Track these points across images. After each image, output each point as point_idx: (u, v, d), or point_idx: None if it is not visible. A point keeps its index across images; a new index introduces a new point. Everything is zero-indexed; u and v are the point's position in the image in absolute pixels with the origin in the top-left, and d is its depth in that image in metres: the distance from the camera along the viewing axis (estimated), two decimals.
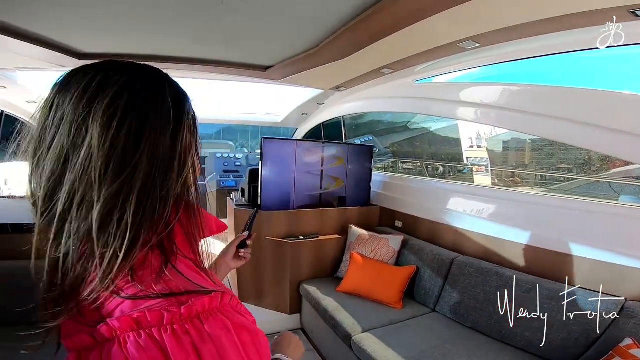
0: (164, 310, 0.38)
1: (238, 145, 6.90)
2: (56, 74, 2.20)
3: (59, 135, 0.40)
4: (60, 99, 0.41)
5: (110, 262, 0.38)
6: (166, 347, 0.36)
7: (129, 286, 0.40)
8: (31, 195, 0.43)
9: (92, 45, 2.25)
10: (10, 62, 2.44)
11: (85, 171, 0.39)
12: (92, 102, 0.40)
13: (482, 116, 2.39)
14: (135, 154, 0.41)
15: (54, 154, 0.40)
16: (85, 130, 0.39)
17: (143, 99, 0.43)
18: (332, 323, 2.20)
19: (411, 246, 2.61)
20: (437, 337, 1.96)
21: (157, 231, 0.42)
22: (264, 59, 2.60)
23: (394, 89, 2.98)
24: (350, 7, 1.61)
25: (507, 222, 2.21)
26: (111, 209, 0.39)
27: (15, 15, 1.70)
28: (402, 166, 4.67)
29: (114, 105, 0.40)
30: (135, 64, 0.47)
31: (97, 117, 0.39)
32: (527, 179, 3.60)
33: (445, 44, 1.88)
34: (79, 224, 0.39)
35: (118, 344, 0.36)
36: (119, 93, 0.41)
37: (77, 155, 0.39)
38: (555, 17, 1.43)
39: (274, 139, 2.76)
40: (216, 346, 0.38)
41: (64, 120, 0.40)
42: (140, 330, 0.37)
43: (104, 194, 0.39)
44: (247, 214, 2.27)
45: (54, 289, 0.40)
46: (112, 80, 0.42)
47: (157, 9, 1.68)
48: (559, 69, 2.09)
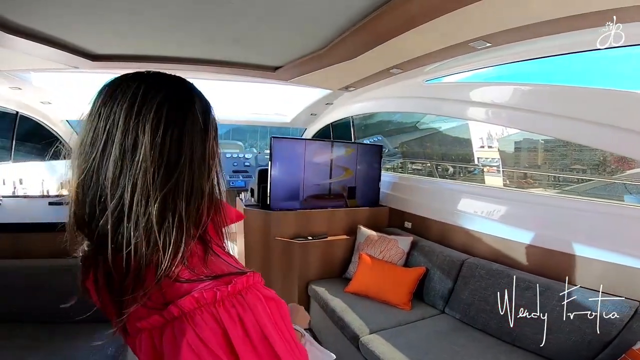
0: (216, 289, 0.46)
1: (247, 145, 6.92)
2: (70, 75, 2.25)
3: (111, 142, 0.47)
4: (107, 110, 0.48)
5: (170, 253, 0.46)
6: (220, 319, 0.44)
7: (185, 272, 0.47)
8: (81, 194, 0.49)
9: (104, 47, 2.29)
10: (25, 63, 2.49)
11: (141, 175, 0.46)
12: (140, 114, 0.47)
13: (494, 116, 2.36)
14: (179, 159, 0.48)
15: (112, 159, 0.46)
16: (136, 139, 0.46)
17: (180, 110, 0.50)
18: (340, 324, 2.19)
19: (421, 247, 2.59)
20: (446, 339, 1.94)
21: (198, 224, 0.51)
22: (273, 60, 2.60)
23: (404, 88, 2.97)
24: (359, 7, 1.61)
25: (520, 224, 2.18)
26: (165, 207, 0.47)
27: (30, 17, 1.73)
28: (411, 167, 4.64)
29: (157, 117, 0.47)
30: (167, 76, 0.54)
31: (147, 128, 0.46)
32: (539, 180, 3.55)
33: (456, 43, 1.86)
34: (138, 221, 0.45)
35: (186, 320, 0.44)
36: (161, 105, 0.48)
37: (132, 161, 0.46)
38: (568, 17, 1.41)
39: (284, 138, 2.76)
40: (254, 314, 0.46)
41: (115, 129, 0.47)
42: (201, 307, 0.44)
43: (160, 194, 0.46)
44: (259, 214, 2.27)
45: (121, 281, 0.46)
46: (152, 93, 0.49)
47: (167, 11, 1.70)
48: (571, 68, 2.05)
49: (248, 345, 0.45)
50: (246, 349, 0.45)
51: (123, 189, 0.46)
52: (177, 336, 0.44)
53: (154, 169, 0.46)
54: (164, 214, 0.46)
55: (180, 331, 0.44)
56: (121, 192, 0.46)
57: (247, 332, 0.45)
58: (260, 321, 0.46)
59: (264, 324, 0.47)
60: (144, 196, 0.46)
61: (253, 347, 0.45)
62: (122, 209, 0.45)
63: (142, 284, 0.46)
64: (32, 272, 1.82)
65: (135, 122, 0.46)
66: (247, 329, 0.45)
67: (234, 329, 0.44)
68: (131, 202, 0.45)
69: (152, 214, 0.45)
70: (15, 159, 3.80)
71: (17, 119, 3.74)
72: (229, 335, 0.44)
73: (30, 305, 1.81)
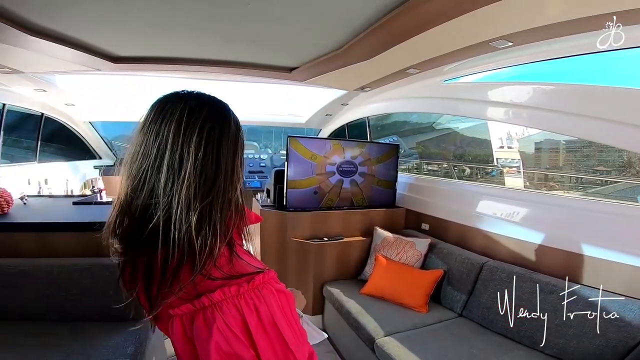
0: (238, 285, 0.56)
1: (262, 146, 6.98)
2: (91, 77, 2.32)
3: (160, 158, 0.56)
4: (157, 127, 0.57)
5: (205, 255, 0.55)
6: (241, 309, 0.54)
7: (214, 270, 0.56)
8: (130, 197, 0.58)
9: (125, 49, 2.35)
10: (50, 66, 2.57)
11: (185, 189, 0.55)
12: (185, 134, 0.56)
13: (514, 116, 2.31)
14: (217, 174, 0.58)
15: (162, 173, 0.56)
16: (181, 157, 0.56)
17: (218, 131, 0.59)
18: (355, 325, 2.18)
19: (439, 249, 2.56)
20: (463, 343, 1.90)
21: (227, 230, 0.59)
22: (290, 60, 2.61)
23: (421, 89, 2.93)
24: (376, 7, 1.59)
25: (542, 227, 2.12)
26: (202, 216, 0.56)
27: (53, 20, 1.78)
28: (426, 167, 4.58)
29: (199, 139, 0.57)
30: (207, 97, 0.63)
31: (191, 149, 0.56)
32: (561, 181, 3.44)
33: (477, 42, 1.82)
34: (181, 227, 0.54)
35: (215, 309, 0.54)
36: (202, 127, 0.58)
37: (178, 176, 0.55)
38: (592, 16, 1.36)
39: (300, 137, 2.75)
40: (268, 306, 0.56)
41: (164, 146, 0.56)
42: (227, 299, 0.55)
43: (199, 206, 0.55)
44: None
45: (162, 276, 0.55)
46: (195, 115, 0.58)
47: (185, 14, 1.73)
48: (593, 68, 1.98)
49: (260, 330, 0.55)
50: (259, 333, 0.54)
51: (170, 199, 0.55)
52: (207, 322, 0.54)
53: (195, 185, 0.55)
54: (202, 222, 0.55)
55: (211, 318, 0.54)
56: (168, 202, 0.55)
57: (261, 319, 0.55)
58: (272, 311, 0.56)
59: (275, 313, 0.56)
60: (186, 207, 0.55)
61: (265, 331, 0.55)
62: (169, 217, 0.54)
63: (178, 279, 0.55)
64: (55, 271, 1.84)
65: (181, 142, 0.56)
66: (261, 317, 0.55)
67: (251, 317, 0.54)
68: (176, 211, 0.54)
69: (191, 222, 0.54)
70: (40, 160, 3.93)
71: (42, 121, 3.88)
72: (247, 322, 0.54)
73: (53, 303, 1.84)
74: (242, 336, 0.53)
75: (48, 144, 4.19)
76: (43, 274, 1.84)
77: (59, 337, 1.68)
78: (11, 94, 3.16)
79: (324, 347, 2.59)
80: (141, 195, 0.56)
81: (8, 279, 1.80)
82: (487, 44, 1.82)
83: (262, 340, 0.54)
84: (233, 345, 0.53)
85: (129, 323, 1.75)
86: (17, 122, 3.70)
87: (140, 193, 0.56)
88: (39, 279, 1.83)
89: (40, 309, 1.84)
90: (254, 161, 4.92)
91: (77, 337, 1.68)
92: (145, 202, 0.56)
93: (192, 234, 0.54)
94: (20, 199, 2.56)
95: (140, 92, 3.90)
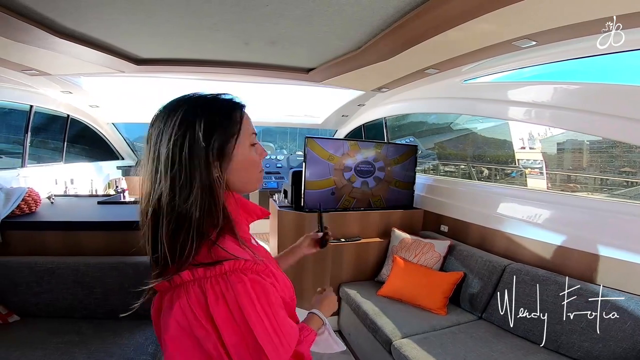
0: (206, 268, 0.59)
1: (277, 147, 7.03)
2: (115, 80, 2.41)
3: (158, 162, 0.63)
4: (155, 132, 0.65)
5: (187, 251, 0.60)
6: (205, 291, 0.57)
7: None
8: (146, 197, 0.65)
9: (147, 51, 2.41)
10: (76, 68, 2.66)
11: (160, 194, 0.63)
12: (157, 143, 0.64)
13: (536, 116, 2.25)
14: (192, 184, 0.62)
15: (159, 175, 0.63)
16: (173, 162, 0.62)
17: (180, 141, 0.63)
18: (372, 327, 2.17)
19: (459, 251, 2.52)
20: (483, 345, 1.87)
21: (215, 225, 0.64)
22: (307, 61, 2.62)
23: (440, 89, 2.89)
24: (395, 7, 1.58)
25: (567, 229, 2.07)
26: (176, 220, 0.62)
27: (80, 23, 1.85)
28: (443, 168, 4.51)
29: (167, 145, 0.63)
30: (202, 100, 0.68)
31: (161, 155, 0.63)
32: (585, 183, 3.33)
33: (499, 42, 1.79)
34: (162, 231, 0.62)
35: (182, 289, 0.58)
36: (171, 137, 0.63)
37: (171, 179, 0.62)
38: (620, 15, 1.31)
39: (317, 137, 2.76)
40: (235, 294, 0.57)
41: (157, 150, 0.64)
42: (194, 281, 0.58)
43: (171, 209, 0.63)
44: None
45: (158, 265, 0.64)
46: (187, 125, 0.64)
47: (207, 16, 1.76)
48: (619, 66, 1.91)
49: (230, 319, 0.56)
50: (228, 322, 0.56)
51: (150, 206, 0.64)
52: (173, 299, 0.58)
53: (167, 192, 0.62)
54: (173, 227, 0.62)
55: (177, 295, 0.58)
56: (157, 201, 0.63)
57: (229, 307, 0.56)
58: (239, 300, 0.57)
59: (242, 302, 0.57)
60: (161, 212, 0.63)
61: (234, 322, 0.56)
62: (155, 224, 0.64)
63: (167, 267, 0.62)
64: (82, 269, 1.89)
65: (159, 150, 0.64)
66: (229, 305, 0.56)
67: (215, 303, 0.56)
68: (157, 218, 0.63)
69: (165, 227, 0.63)
70: (66, 160, 4.08)
71: (68, 122, 4.02)
72: (209, 305, 0.56)
73: (79, 301, 1.89)
74: (203, 318, 0.55)
75: (73, 144, 4.34)
76: (70, 272, 1.89)
77: (83, 335, 1.73)
78: (38, 96, 3.28)
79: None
80: (151, 197, 0.64)
81: (36, 276, 1.87)
82: (510, 43, 1.79)
83: (231, 330, 0.55)
84: (191, 323, 0.55)
85: (150, 322, 1.80)
86: (44, 124, 3.85)
87: (144, 199, 0.66)
88: (66, 277, 1.88)
89: (67, 306, 1.89)
90: (270, 162, 4.94)
91: (101, 335, 1.73)
92: (144, 208, 0.66)
93: (169, 238, 0.61)
94: (48, 199, 2.66)
95: (161, 94, 4.00)
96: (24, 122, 3.30)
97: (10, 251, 1.99)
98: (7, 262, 1.88)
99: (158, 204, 0.62)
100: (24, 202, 2.16)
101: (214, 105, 0.67)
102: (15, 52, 2.17)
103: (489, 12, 1.46)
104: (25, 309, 1.88)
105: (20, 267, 1.87)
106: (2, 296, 1.85)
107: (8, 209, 2.05)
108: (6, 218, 2.01)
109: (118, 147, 5.19)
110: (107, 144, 4.99)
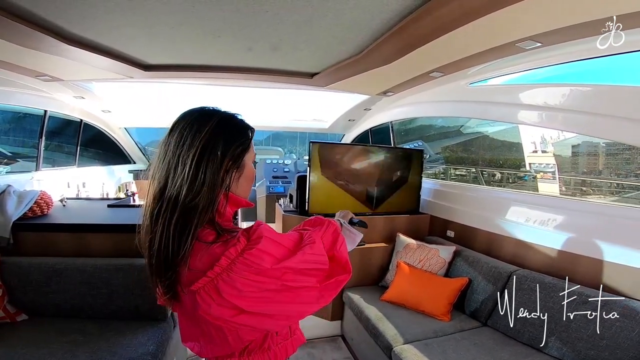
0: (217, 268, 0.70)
1: (286, 151, 7.06)
2: (125, 85, 2.47)
3: (175, 166, 0.72)
4: (170, 139, 0.75)
5: (184, 246, 0.70)
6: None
7: (193, 262, 0.72)
8: (158, 195, 0.74)
9: (154, 57, 2.46)
10: (87, 73, 2.74)
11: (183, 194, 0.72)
12: (183, 148, 0.73)
13: (548, 119, 2.19)
14: (202, 187, 0.72)
15: (177, 177, 0.71)
16: (183, 168, 0.71)
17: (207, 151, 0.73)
18: (373, 332, 2.14)
19: (464, 257, 2.47)
20: (486, 353, 1.82)
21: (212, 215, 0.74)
22: (310, 66, 2.63)
23: (447, 92, 2.86)
24: (395, 10, 1.57)
25: (576, 235, 2.02)
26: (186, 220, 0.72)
27: (88, 30, 1.90)
28: (453, 172, 4.45)
29: (194, 152, 0.72)
30: (206, 113, 0.78)
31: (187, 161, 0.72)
32: (599, 187, 3.23)
33: (501, 44, 1.76)
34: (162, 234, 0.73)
35: (235, 239, 0.71)
36: (196, 144, 0.72)
37: (180, 182, 0.71)
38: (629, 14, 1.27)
39: (323, 143, 2.76)
40: (239, 283, 0.69)
41: (172, 156, 0.73)
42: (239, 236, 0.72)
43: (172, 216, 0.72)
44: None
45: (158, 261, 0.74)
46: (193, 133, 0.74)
47: (211, 22, 1.79)
48: (627, 68, 1.85)
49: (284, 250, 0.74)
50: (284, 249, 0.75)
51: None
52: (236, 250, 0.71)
53: (186, 190, 0.70)
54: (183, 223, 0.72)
55: (233, 245, 0.71)
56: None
57: (274, 240, 0.73)
58: (242, 283, 0.68)
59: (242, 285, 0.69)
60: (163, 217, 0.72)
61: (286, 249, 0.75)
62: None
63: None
64: (89, 270, 1.93)
65: (180, 154, 0.72)
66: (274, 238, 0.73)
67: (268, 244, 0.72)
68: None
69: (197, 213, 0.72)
70: (79, 164, 4.19)
71: (82, 127, 4.13)
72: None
73: (85, 301, 1.93)
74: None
75: (87, 148, 4.46)
76: (77, 273, 1.93)
77: (88, 334, 1.77)
78: (52, 101, 3.39)
79: (342, 353, 2.57)
80: (166, 196, 0.74)
81: (45, 276, 1.92)
82: (513, 45, 1.75)
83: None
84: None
85: (155, 322, 1.82)
86: (59, 128, 3.97)
87: (165, 194, 0.76)
88: (74, 278, 1.93)
89: (73, 306, 1.94)
90: (277, 166, 4.95)
91: (105, 335, 1.76)
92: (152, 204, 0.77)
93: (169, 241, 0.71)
94: (60, 201, 2.74)
95: (170, 99, 4.08)
96: (39, 126, 3.40)
97: (21, 252, 2.04)
98: (19, 262, 1.94)
99: (175, 200, 0.70)
100: (36, 204, 2.23)
101: (234, 123, 0.79)
102: (29, 59, 2.25)
103: (489, 13, 1.44)
104: (33, 309, 1.93)
105: (30, 267, 1.93)
106: (11, 295, 1.90)
107: (20, 211, 2.11)
108: (18, 220, 2.07)
109: (130, 151, 5.30)
110: (119, 148, 5.11)
